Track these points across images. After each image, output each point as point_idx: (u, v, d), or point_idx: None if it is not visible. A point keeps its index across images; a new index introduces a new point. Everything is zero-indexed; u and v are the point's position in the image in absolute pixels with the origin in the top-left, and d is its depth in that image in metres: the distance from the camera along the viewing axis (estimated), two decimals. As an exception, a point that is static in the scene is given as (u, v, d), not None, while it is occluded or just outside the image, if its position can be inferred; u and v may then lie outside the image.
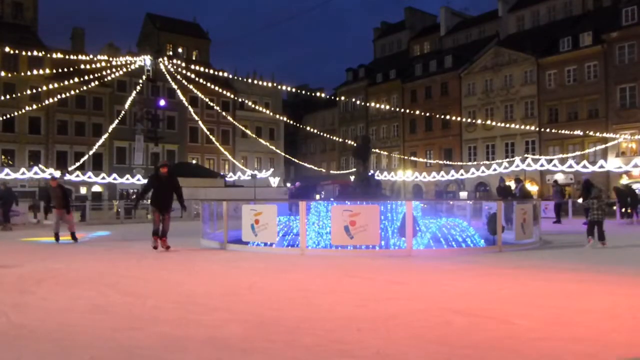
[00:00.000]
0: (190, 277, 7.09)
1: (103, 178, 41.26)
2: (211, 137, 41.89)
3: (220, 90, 36.28)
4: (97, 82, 33.34)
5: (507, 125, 39.22)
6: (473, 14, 61.19)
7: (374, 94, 54.25)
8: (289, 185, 23.88)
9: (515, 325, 4.24)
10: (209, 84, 32.03)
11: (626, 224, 19.76)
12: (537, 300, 5.27)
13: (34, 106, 36.57)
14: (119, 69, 31.51)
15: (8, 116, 36.59)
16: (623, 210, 21.50)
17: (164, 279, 6.92)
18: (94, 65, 28.88)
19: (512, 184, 18.56)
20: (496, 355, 3.46)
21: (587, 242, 10.83)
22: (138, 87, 37.01)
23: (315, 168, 48.33)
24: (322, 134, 45.56)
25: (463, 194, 44.71)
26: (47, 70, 30.34)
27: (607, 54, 38.47)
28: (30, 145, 45.24)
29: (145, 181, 26.73)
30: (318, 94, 33.03)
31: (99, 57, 29.60)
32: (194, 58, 57.17)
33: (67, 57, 29.69)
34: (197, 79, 31.00)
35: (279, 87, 33.91)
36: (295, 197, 18.47)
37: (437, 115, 43.87)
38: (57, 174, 24.52)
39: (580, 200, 21.91)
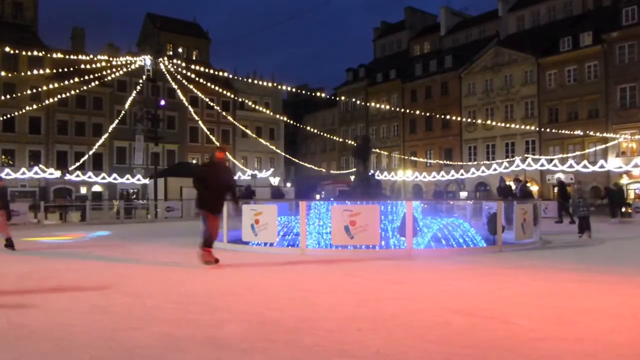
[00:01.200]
0: (190, 277, 7.08)
1: (103, 178, 41.32)
2: (211, 137, 41.91)
3: (220, 90, 36.29)
4: (97, 82, 33.35)
5: (507, 125, 39.22)
6: (473, 14, 61.19)
7: (374, 94, 54.25)
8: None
9: (515, 325, 4.24)
10: (209, 84, 32.04)
11: (617, 223, 19.90)
12: (537, 300, 5.27)
13: (34, 106, 36.59)
14: (119, 69, 31.52)
15: (8, 116, 36.61)
16: (623, 210, 21.66)
17: (164, 279, 6.92)
18: (94, 65, 28.89)
19: (512, 184, 18.56)
20: (496, 355, 3.46)
21: (579, 236, 12.86)
22: (138, 87, 37.01)
23: (315, 168, 48.33)
24: (322, 134, 45.56)
25: (463, 194, 44.71)
26: (47, 70, 30.37)
27: (607, 54, 38.46)
28: (30, 145, 45.23)
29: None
30: (318, 94, 33.05)
31: (99, 57, 29.63)
32: (194, 58, 57.16)
33: (67, 57, 29.73)
34: (197, 79, 31.01)
35: (279, 87, 33.93)
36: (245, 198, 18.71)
37: (437, 115, 43.86)
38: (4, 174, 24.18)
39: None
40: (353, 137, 48.58)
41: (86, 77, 30.03)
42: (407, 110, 44.59)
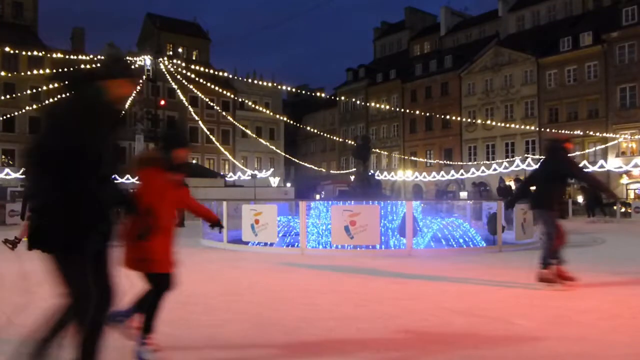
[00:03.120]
0: (190, 277, 7.07)
1: (103, 178, 41.24)
2: (211, 137, 41.91)
3: (220, 90, 36.30)
4: (97, 82, 33.30)
5: (507, 125, 39.21)
6: (473, 14, 61.17)
7: (374, 94, 54.23)
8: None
9: (515, 325, 4.24)
10: (209, 84, 32.05)
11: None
12: (537, 300, 5.27)
13: (34, 106, 36.58)
14: (119, 69, 31.47)
15: (8, 116, 36.59)
16: (620, 208, 21.75)
17: (164, 279, 6.90)
18: (94, 65, 28.85)
19: (512, 184, 18.58)
20: (496, 355, 3.46)
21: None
22: (138, 87, 37.00)
23: (315, 168, 48.31)
24: (322, 134, 45.56)
25: (463, 194, 44.69)
26: (47, 70, 30.37)
27: (607, 54, 38.43)
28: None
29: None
30: (318, 94, 33.08)
31: (99, 57, 29.64)
32: (194, 58, 57.14)
33: (67, 57, 29.74)
34: (197, 79, 31.02)
35: (279, 87, 33.95)
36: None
37: (437, 115, 43.86)
38: None
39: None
40: (353, 137, 48.50)
41: (86, 77, 29.99)
42: (407, 110, 44.59)
